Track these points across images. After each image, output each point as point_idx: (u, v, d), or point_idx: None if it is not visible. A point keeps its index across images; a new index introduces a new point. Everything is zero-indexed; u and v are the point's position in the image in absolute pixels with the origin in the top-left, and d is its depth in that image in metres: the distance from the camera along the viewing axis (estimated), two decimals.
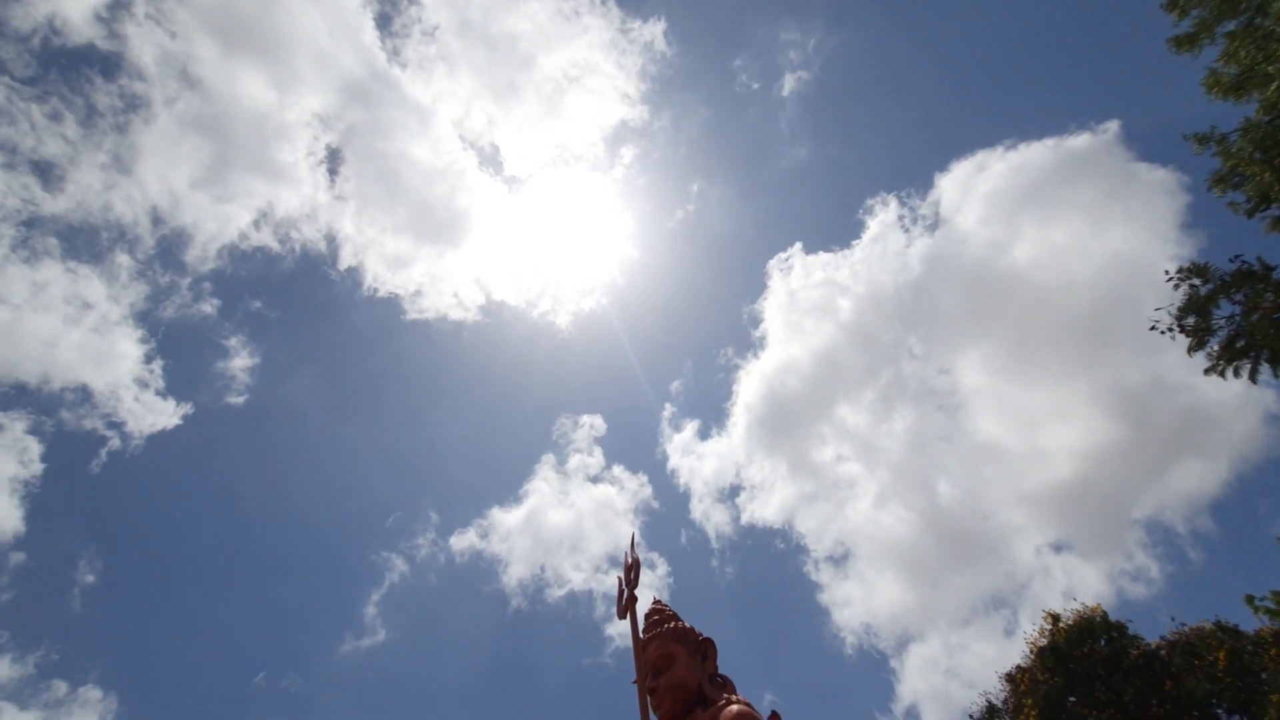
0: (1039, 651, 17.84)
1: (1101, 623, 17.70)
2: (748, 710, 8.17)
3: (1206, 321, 10.76)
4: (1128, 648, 16.95)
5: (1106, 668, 16.54)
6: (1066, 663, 16.92)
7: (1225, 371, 10.76)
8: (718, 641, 9.44)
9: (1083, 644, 17.09)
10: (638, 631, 9.07)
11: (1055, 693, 16.51)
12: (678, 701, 8.63)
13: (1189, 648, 15.36)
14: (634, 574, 9.83)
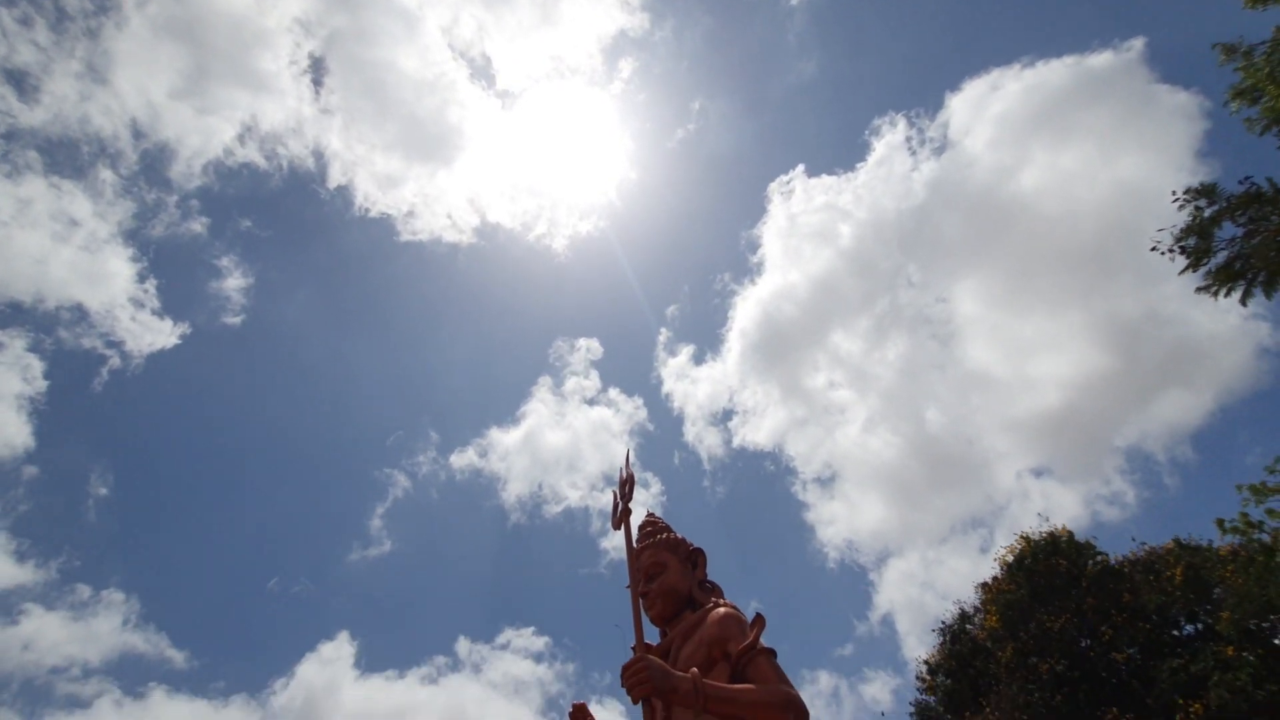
0: (1007, 566, 18.73)
1: (1068, 542, 18.54)
2: (734, 612, 8.56)
3: (1207, 244, 10.65)
4: (1088, 562, 17.81)
5: (1067, 580, 17.42)
6: (1032, 576, 17.79)
7: (1218, 293, 10.77)
8: (707, 553, 9.78)
9: (1048, 559, 17.93)
10: (631, 541, 9.35)
11: (1018, 602, 17.44)
12: (668, 605, 9.03)
13: (1149, 565, 16.17)
14: (628, 488, 10.05)
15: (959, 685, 18.32)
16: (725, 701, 7.08)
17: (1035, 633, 16.55)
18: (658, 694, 7.25)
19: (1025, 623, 16.70)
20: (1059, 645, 16.12)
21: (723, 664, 7.89)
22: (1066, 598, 16.89)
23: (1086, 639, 16.18)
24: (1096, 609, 16.54)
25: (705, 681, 7.11)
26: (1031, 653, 16.46)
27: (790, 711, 7.38)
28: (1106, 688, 15.62)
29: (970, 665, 18.68)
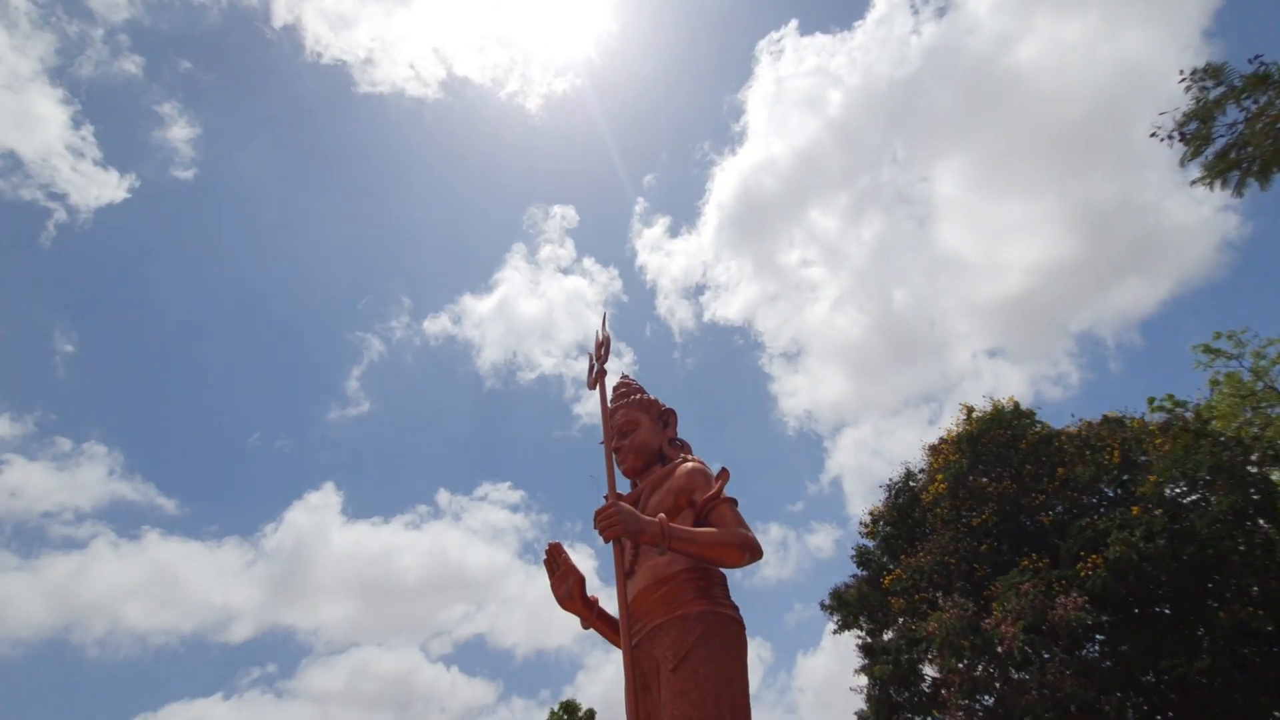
0: (954, 438, 19.99)
1: (1012, 411, 19.69)
2: (700, 466, 9.22)
3: (1208, 129, 10.42)
4: (1028, 430, 19.08)
5: (1007, 448, 18.77)
6: (975, 445, 19.09)
7: (1213, 183, 10.73)
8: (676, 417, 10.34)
9: (991, 429, 19.16)
10: (606, 400, 9.83)
11: (962, 470, 18.90)
12: (640, 459, 9.66)
13: (1085, 441, 17.48)
14: (604, 350, 10.33)
15: (897, 533, 20.33)
16: (688, 541, 7.84)
17: (972, 491, 18.15)
18: (628, 535, 7.98)
19: (965, 484, 18.24)
20: (992, 503, 17.77)
21: (688, 511, 8.62)
22: (1005, 464, 18.35)
23: (1023, 498, 17.82)
24: (1032, 475, 18.06)
25: (671, 524, 7.82)
26: (966, 509, 18.18)
27: (746, 550, 8.20)
28: (1027, 540, 17.51)
29: (909, 517, 20.61)
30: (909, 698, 18.14)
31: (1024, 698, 13.55)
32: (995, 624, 14.11)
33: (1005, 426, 18.90)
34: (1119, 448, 16.61)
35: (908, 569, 18.21)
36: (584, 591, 8.68)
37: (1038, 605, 13.83)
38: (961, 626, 14.37)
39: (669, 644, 6.92)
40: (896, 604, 18.08)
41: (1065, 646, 14.17)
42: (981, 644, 14.13)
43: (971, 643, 14.24)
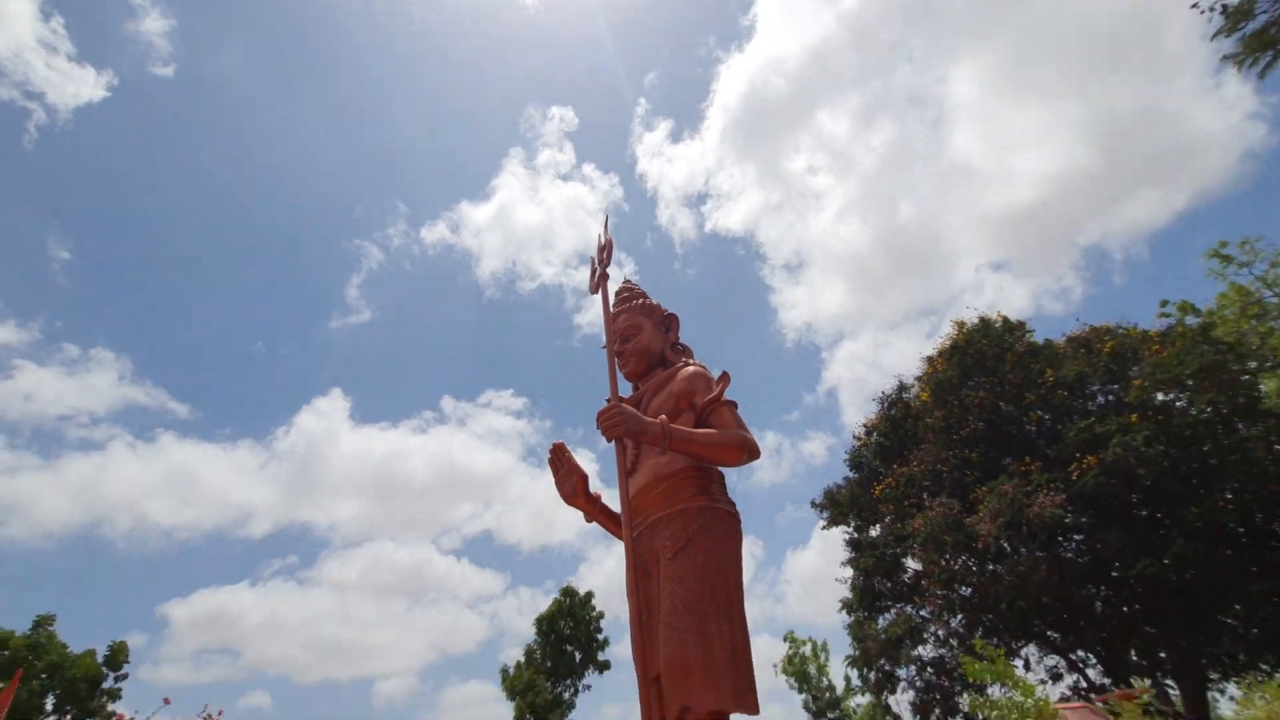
0: (944, 352, 20.07)
1: (1001, 325, 19.71)
2: (702, 369, 9.36)
3: (1251, 3, 9.86)
4: (1016, 343, 19.16)
5: (995, 359, 18.92)
6: (963, 358, 19.22)
7: (1244, 62, 10.24)
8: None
9: (978, 342, 19.23)
10: (608, 305, 9.85)
11: (949, 381, 19.13)
12: (641, 363, 9.79)
13: (1082, 342, 17.54)
14: (606, 253, 10.21)
15: (890, 443, 20.92)
16: (688, 441, 8.09)
17: (961, 402, 18.49)
18: (629, 435, 8.21)
19: (954, 395, 18.54)
20: (981, 411, 18.14)
21: (689, 414, 8.82)
22: (993, 374, 18.58)
23: (1007, 404, 18.15)
24: (1017, 384, 18.33)
25: (671, 425, 8.03)
26: (956, 419, 18.60)
27: (745, 450, 8.47)
28: (1016, 445, 18.03)
29: (901, 427, 21.15)
30: (891, 587, 19.37)
31: (997, 587, 14.47)
32: (976, 521, 14.82)
33: (993, 339, 18.96)
34: (1111, 348, 16.66)
35: (899, 477, 18.86)
36: (587, 488, 9.05)
37: (1017, 504, 14.47)
38: (946, 524, 15.10)
39: (669, 536, 7.32)
40: (886, 508, 18.89)
41: (1041, 542, 14.96)
42: (963, 540, 14.91)
43: (954, 539, 15.02)
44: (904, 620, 17.66)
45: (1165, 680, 15.96)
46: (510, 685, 29.00)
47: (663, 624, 6.87)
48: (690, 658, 6.56)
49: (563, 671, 30.64)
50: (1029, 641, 17.54)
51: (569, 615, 32.30)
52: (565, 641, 31.77)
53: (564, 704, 29.53)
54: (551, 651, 31.23)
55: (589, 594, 32.59)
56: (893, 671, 17.62)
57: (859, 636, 18.43)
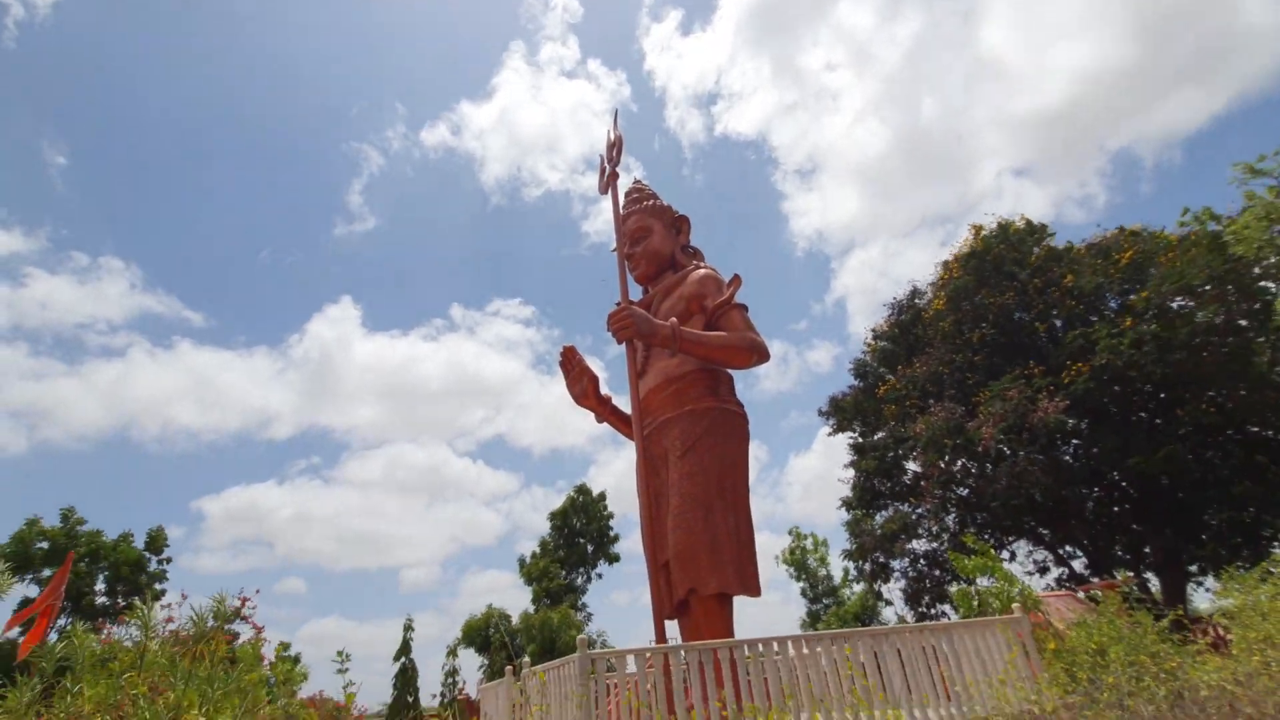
0: (960, 257, 19.58)
1: (1024, 228, 19.08)
2: (712, 272, 9.28)
3: None
4: (1035, 247, 18.65)
5: (1014, 263, 18.49)
6: (980, 262, 18.76)
7: None
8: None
9: (996, 246, 18.70)
10: (618, 205, 9.59)
11: (965, 287, 18.82)
12: (652, 266, 9.70)
13: (1101, 250, 17.09)
14: (616, 150, 9.85)
15: (897, 348, 20.96)
16: (698, 344, 8.16)
17: (975, 306, 18.29)
18: (640, 337, 8.28)
19: (968, 301, 18.31)
20: (994, 317, 17.99)
21: (699, 316, 8.85)
22: (1012, 280, 18.25)
23: (1022, 312, 17.97)
24: (1037, 289, 18.05)
25: (681, 328, 8.05)
26: (968, 323, 18.48)
27: (754, 353, 8.54)
28: (1022, 352, 18.05)
29: (910, 333, 21.11)
30: (890, 487, 20.09)
31: (993, 486, 14.97)
32: (977, 426, 15.10)
33: (1013, 244, 18.45)
34: (1131, 256, 16.28)
35: (902, 379, 19.01)
36: (597, 390, 9.26)
37: (1020, 409, 14.66)
38: (947, 427, 15.41)
39: (678, 435, 7.57)
40: (889, 410, 19.19)
41: (1041, 446, 15.31)
42: (964, 443, 15.27)
43: (954, 442, 15.38)
44: (900, 517, 18.44)
45: (1146, 574, 16.80)
46: (528, 572, 31.01)
47: (671, 515, 7.24)
48: (697, 545, 6.98)
49: (575, 561, 32.61)
50: (1019, 537, 18.36)
51: (582, 511, 33.96)
52: (577, 535, 33.61)
53: (576, 589, 31.64)
54: (564, 543, 33.12)
55: (602, 493, 34.09)
56: (887, 563, 18.62)
57: (856, 532, 19.35)
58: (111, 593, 23.38)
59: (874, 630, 5.30)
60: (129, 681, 3.75)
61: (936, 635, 5.55)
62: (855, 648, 5.15)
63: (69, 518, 22.87)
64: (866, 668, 5.09)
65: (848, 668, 4.96)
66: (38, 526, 21.82)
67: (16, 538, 21.21)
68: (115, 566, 23.14)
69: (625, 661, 4.48)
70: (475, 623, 27.39)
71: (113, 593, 23.42)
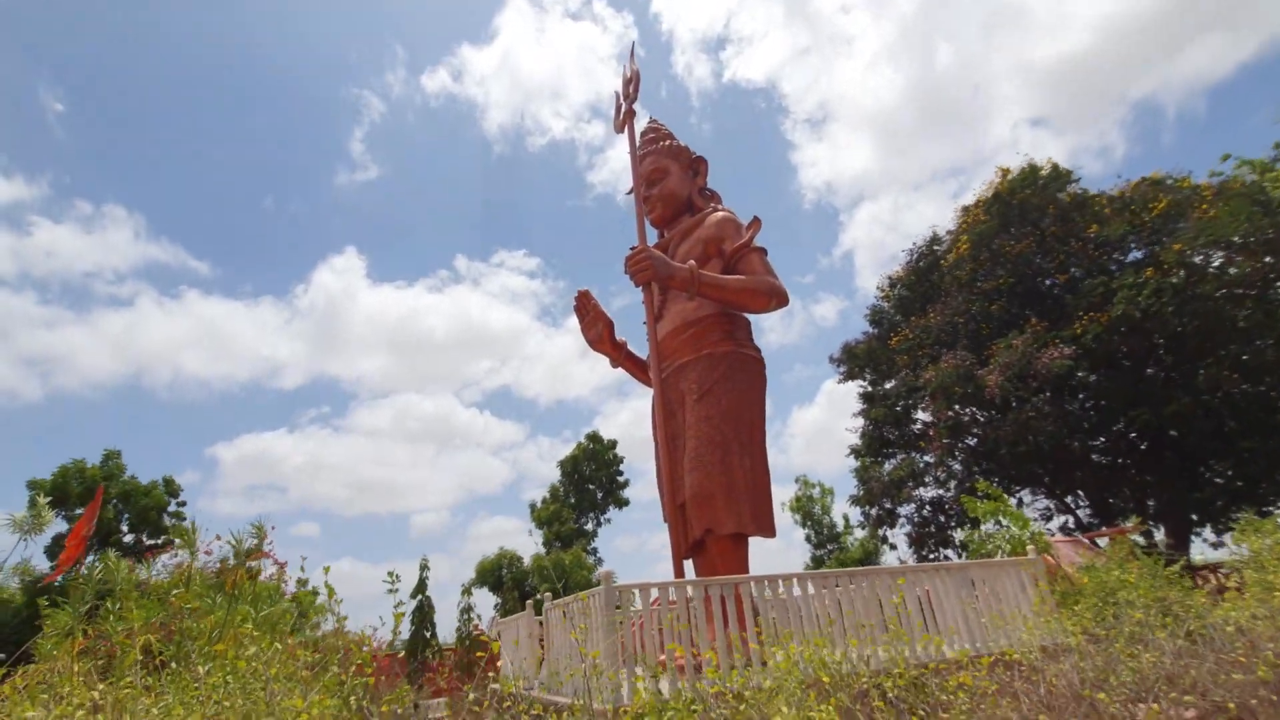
0: (984, 200, 19.00)
1: (1050, 171, 18.40)
2: (731, 215, 9.07)
3: None
4: (1064, 190, 18.04)
5: (1038, 210, 17.96)
6: (1005, 206, 18.22)
7: None
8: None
9: (1022, 189, 18.11)
10: (635, 145, 9.30)
11: (988, 231, 18.36)
12: (668, 208, 9.48)
13: (1129, 201, 16.57)
14: (633, 86, 9.48)
15: (913, 295, 20.67)
16: (717, 287, 8.04)
17: (994, 253, 17.90)
18: (658, 279, 8.14)
19: (989, 245, 17.90)
20: (1013, 265, 17.63)
21: (717, 260, 8.68)
22: (1034, 226, 17.78)
23: (1042, 258, 17.57)
24: (1057, 235, 17.60)
25: (700, 270, 7.92)
26: (985, 271, 18.14)
27: (773, 297, 8.41)
28: (1039, 302, 17.77)
29: (927, 280, 20.78)
30: (899, 436, 20.19)
31: (1000, 433, 15.00)
32: (987, 374, 15.01)
33: (1038, 187, 17.87)
34: (1164, 206, 15.75)
35: (915, 328, 18.81)
36: (613, 334, 9.19)
37: (1025, 356, 14.53)
38: (957, 375, 15.33)
39: (695, 378, 7.55)
40: (901, 359, 19.08)
41: (1048, 395, 15.26)
42: (973, 391, 15.21)
43: (963, 390, 15.32)
44: (908, 464, 18.59)
45: (1148, 523, 16.99)
46: (538, 517, 31.71)
47: (689, 457, 7.28)
48: (713, 486, 7.04)
49: (586, 506, 33.29)
50: (1024, 485, 18.53)
51: (591, 458, 34.45)
52: (587, 481, 34.20)
53: (587, 534, 32.41)
54: (575, 489, 33.75)
55: (612, 440, 34.51)
56: (893, 509, 18.89)
57: (864, 479, 19.56)
58: (136, 530, 24.14)
59: (906, 568, 5.40)
60: (179, 598, 3.87)
61: (960, 574, 5.66)
62: (886, 585, 5.25)
63: (110, 459, 23.47)
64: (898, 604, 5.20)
65: (895, 599, 5.08)
66: (79, 465, 22.40)
67: (59, 474, 21.90)
68: (144, 511, 23.82)
69: (649, 593, 4.58)
70: (488, 563, 28.21)
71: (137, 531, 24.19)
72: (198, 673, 2.80)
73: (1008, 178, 18.24)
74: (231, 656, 2.84)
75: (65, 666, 2.66)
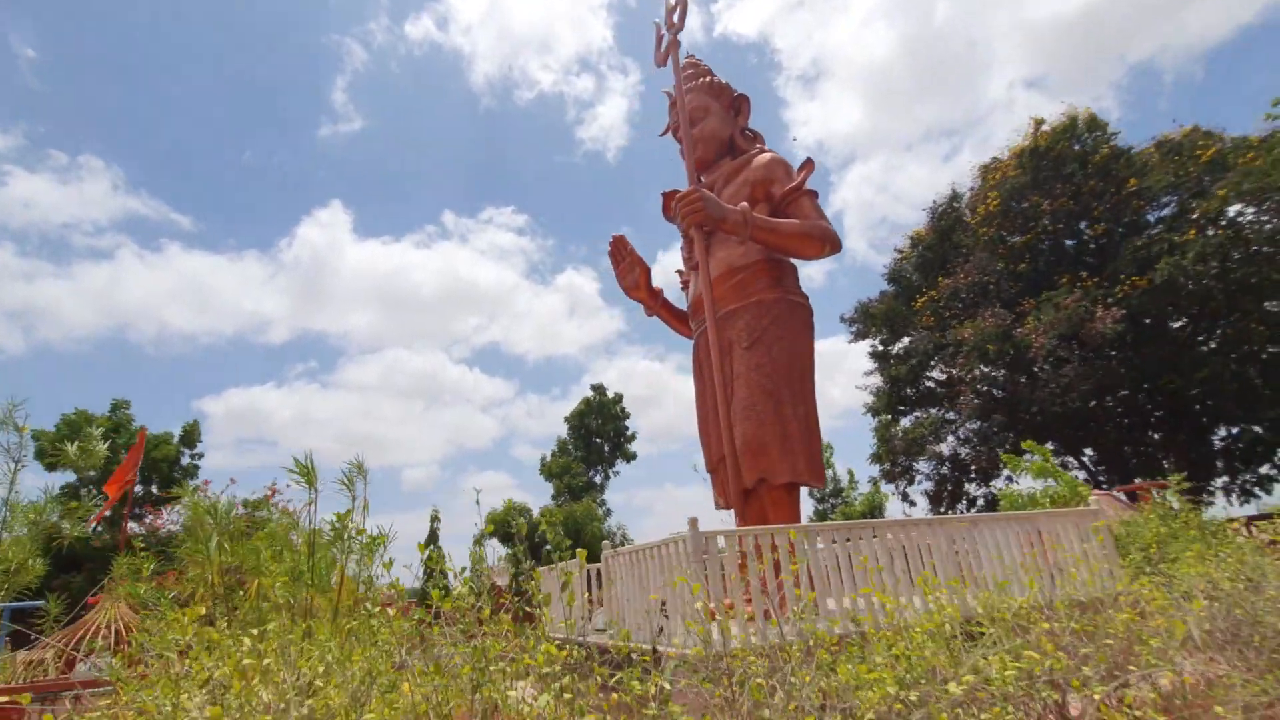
0: (1019, 153, 18.38)
1: (1087, 122, 17.74)
2: (779, 157, 8.65)
3: None
4: (1100, 145, 17.45)
5: (1076, 162, 17.39)
6: (1039, 159, 17.64)
7: None
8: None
9: (1061, 142, 17.50)
10: (680, 77, 8.78)
11: (1019, 187, 17.82)
12: (709, 150, 9.02)
13: (1176, 146, 15.97)
14: (679, 13, 8.91)
15: (934, 255, 20.26)
16: (770, 231, 7.68)
17: (1025, 210, 17.44)
18: (710, 222, 7.76)
19: (1019, 202, 17.42)
20: (1045, 219, 17.17)
21: (764, 204, 8.28)
22: (1068, 180, 17.25)
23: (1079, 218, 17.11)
24: (1094, 191, 17.09)
25: (753, 214, 7.55)
26: (1012, 229, 17.70)
27: (828, 243, 8.04)
28: (1068, 261, 17.41)
29: (948, 239, 20.34)
30: (916, 393, 20.09)
31: (1040, 393, 14.84)
32: (1028, 332, 14.76)
33: (1077, 139, 17.27)
34: (1211, 155, 15.22)
35: (943, 291, 18.42)
36: (649, 281, 8.86)
37: (1075, 318, 14.25)
38: (997, 333, 15.06)
39: (744, 326, 7.29)
40: (925, 319, 18.78)
41: (1088, 356, 15.05)
42: (1008, 350, 14.99)
43: (997, 348, 15.09)
44: (932, 420, 18.52)
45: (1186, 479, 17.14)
46: (548, 470, 31.90)
47: (740, 406, 7.06)
48: (767, 436, 6.84)
49: (593, 460, 33.49)
50: (1043, 441, 18.55)
51: (598, 412, 34.50)
52: (594, 435, 34.34)
53: (596, 486, 32.70)
54: (581, 443, 33.91)
55: (618, 394, 34.49)
56: (910, 465, 18.94)
57: (884, 437, 19.52)
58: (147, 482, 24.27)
59: (977, 517, 5.31)
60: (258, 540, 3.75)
61: (1028, 523, 5.61)
62: (949, 533, 5.16)
63: (119, 409, 23.39)
64: (959, 552, 5.11)
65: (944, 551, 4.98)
66: (84, 415, 22.31)
67: (64, 422, 21.82)
68: (154, 463, 23.85)
69: (716, 541, 4.46)
70: (496, 516, 28.52)
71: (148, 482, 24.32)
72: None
73: (1041, 128, 17.64)
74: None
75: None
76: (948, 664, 2.15)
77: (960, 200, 20.57)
